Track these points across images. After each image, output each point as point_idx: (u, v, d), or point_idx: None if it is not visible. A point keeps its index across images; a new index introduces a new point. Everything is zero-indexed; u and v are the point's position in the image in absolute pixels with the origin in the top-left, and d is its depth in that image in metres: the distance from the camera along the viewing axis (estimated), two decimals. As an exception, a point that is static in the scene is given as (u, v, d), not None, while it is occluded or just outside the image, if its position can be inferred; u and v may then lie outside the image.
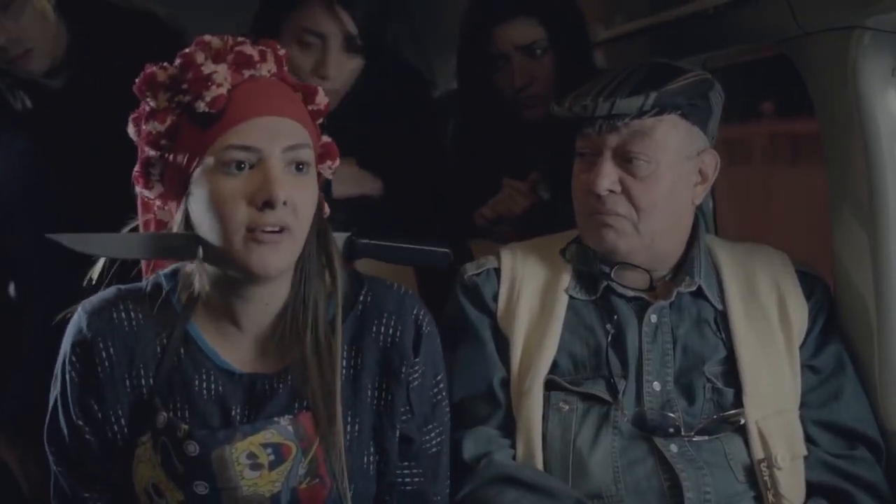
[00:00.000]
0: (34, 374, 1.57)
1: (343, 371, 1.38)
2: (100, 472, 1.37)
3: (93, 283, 1.39)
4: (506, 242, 1.75)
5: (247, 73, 1.30)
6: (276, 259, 1.28)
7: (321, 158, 1.38)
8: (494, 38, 1.95)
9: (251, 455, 1.32)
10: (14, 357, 1.99)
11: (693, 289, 1.61)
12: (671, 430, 1.54)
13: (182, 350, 1.36)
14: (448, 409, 1.49)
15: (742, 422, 1.54)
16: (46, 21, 1.82)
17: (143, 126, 1.31)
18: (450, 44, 2.04)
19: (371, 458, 1.40)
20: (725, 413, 1.55)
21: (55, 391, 1.38)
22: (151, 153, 1.32)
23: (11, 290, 2.06)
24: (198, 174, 1.28)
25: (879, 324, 1.61)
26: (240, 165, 1.27)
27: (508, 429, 1.57)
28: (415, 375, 1.42)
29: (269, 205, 1.25)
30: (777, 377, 1.57)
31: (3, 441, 2.04)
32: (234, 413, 1.35)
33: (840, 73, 1.56)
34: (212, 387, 1.35)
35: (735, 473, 1.52)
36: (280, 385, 1.36)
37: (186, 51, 1.31)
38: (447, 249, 1.54)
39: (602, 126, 1.55)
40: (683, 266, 1.63)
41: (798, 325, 1.60)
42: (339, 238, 1.46)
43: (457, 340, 1.60)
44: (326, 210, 1.40)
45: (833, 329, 1.63)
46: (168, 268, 1.42)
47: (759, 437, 1.53)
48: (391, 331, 1.41)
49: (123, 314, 1.36)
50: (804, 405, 1.58)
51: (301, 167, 1.30)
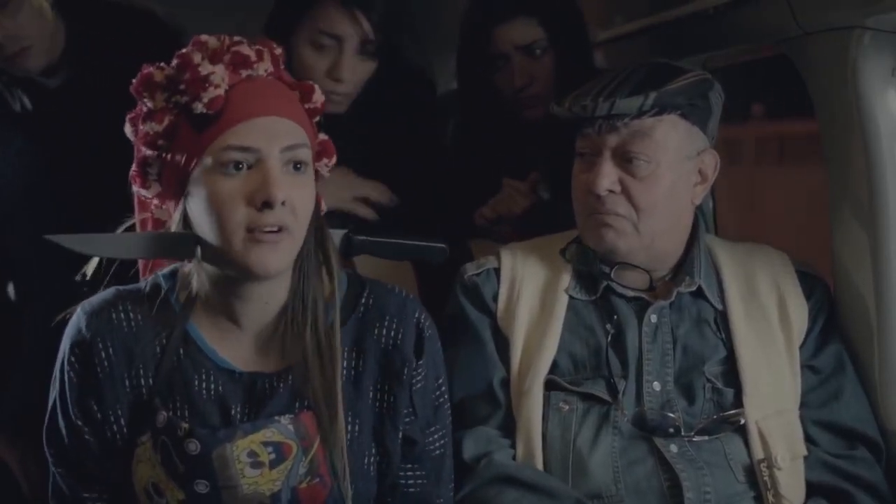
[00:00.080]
0: (34, 374, 1.57)
1: (344, 372, 1.38)
2: (99, 473, 1.37)
3: (86, 279, 1.39)
4: (506, 242, 1.75)
5: (244, 73, 1.30)
6: (276, 258, 1.28)
7: (318, 156, 1.38)
8: (494, 38, 1.94)
9: (252, 453, 1.32)
10: (14, 357, 1.99)
11: (693, 289, 1.61)
12: (671, 430, 1.54)
13: (181, 350, 1.36)
14: (450, 412, 1.49)
15: (742, 422, 1.54)
16: (44, 18, 1.82)
17: (141, 126, 1.31)
18: (450, 44, 2.04)
19: (372, 459, 1.41)
20: (725, 413, 1.55)
21: (54, 392, 1.38)
22: (149, 153, 1.31)
23: (11, 291, 2.06)
24: (196, 174, 1.28)
25: (879, 324, 1.61)
26: (238, 166, 1.26)
27: (508, 429, 1.57)
28: (418, 378, 1.42)
29: (269, 205, 1.25)
30: (777, 377, 1.57)
31: (3, 441, 2.03)
32: (235, 412, 1.35)
33: (840, 73, 1.56)
34: (211, 386, 1.35)
35: (735, 473, 1.52)
36: (281, 384, 1.36)
37: (183, 51, 1.30)
38: (443, 244, 1.54)
39: (602, 126, 1.55)
40: (683, 266, 1.63)
41: (798, 325, 1.60)
42: (336, 235, 1.46)
43: (457, 341, 1.60)
44: (323, 207, 1.40)
45: (833, 329, 1.63)
46: (166, 268, 1.42)
47: (759, 438, 1.53)
48: (393, 333, 1.41)
49: (122, 315, 1.36)
50: (804, 405, 1.58)
51: (299, 166, 1.30)
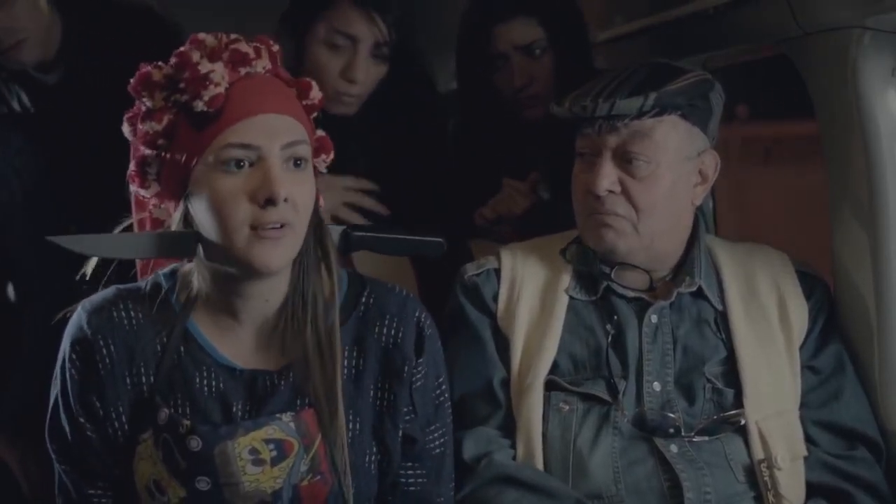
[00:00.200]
0: (34, 374, 1.58)
1: (345, 371, 1.38)
2: (102, 469, 1.37)
3: (86, 279, 1.39)
4: (506, 242, 1.75)
5: (243, 71, 1.30)
6: (278, 255, 1.29)
7: (316, 152, 1.38)
8: (494, 38, 1.94)
9: (253, 451, 1.32)
10: (14, 357, 1.99)
11: (693, 289, 1.61)
12: (671, 431, 1.54)
13: (182, 348, 1.36)
14: (450, 411, 1.49)
15: (742, 422, 1.54)
16: (39, 11, 1.82)
17: (140, 125, 1.31)
18: (450, 44, 2.04)
19: (372, 458, 1.41)
20: (725, 413, 1.55)
21: (56, 389, 1.38)
22: (148, 152, 1.31)
23: (11, 291, 2.06)
24: (197, 173, 1.28)
25: (879, 324, 1.61)
26: (239, 164, 1.27)
27: (508, 429, 1.57)
28: (418, 376, 1.42)
29: (271, 202, 1.25)
30: (777, 377, 1.57)
31: (3, 441, 2.03)
32: (236, 409, 1.35)
33: (840, 73, 1.56)
34: (212, 383, 1.36)
35: (735, 474, 1.52)
36: (282, 381, 1.36)
37: (182, 49, 1.30)
38: (440, 239, 1.54)
39: (602, 126, 1.55)
40: (683, 266, 1.63)
41: (798, 326, 1.60)
42: (335, 231, 1.46)
43: (457, 341, 1.60)
44: (322, 203, 1.40)
45: (833, 329, 1.63)
46: (167, 268, 1.42)
47: (760, 438, 1.53)
48: (393, 332, 1.41)
49: (123, 313, 1.36)
50: (804, 405, 1.58)
51: (299, 163, 1.30)
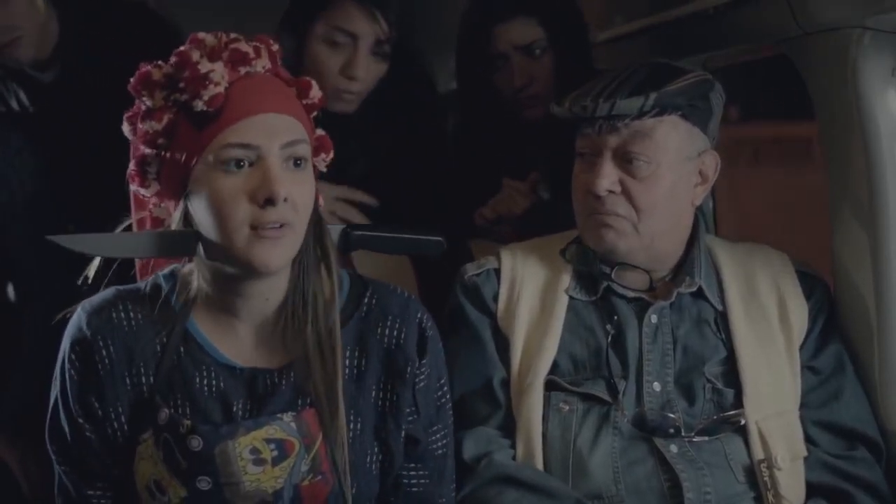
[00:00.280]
0: (34, 374, 1.57)
1: (347, 371, 1.38)
2: (101, 470, 1.37)
3: (88, 283, 1.39)
4: (506, 242, 1.75)
5: (242, 70, 1.30)
6: (279, 254, 1.29)
7: (315, 151, 1.38)
8: (494, 38, 1.95)
9: (254, 450, 1.32)
10: (14, 357, 1.99)
11: (693, 289, 1.61)
12: (671, 431, 1.54)
13: (182, 348, 1.36)
14: (451, 413, 1.49)
15: (742, 422, 1.54)
16: (35, 9, 1.81)
17: (139, 125, 1.31)
18: (450, 44, 2.04)
19: (374, 458, 1.41)
20: (725, 413, 1.55)
21: (55, 390, 1.38)
22: (148, 152, 1.31)
23: (11, 291, 2.06)
24: (197, 172, 1.28)
25: (879, 324, 1.61)
26: (239, 163, 1.27)
27: (508, 429, 1.57)
28: (420, 377, 1.42)
29: (271, 202, 1.25)
30: (777, 378, 1.57)
31: (3, 441, 2.03)
32: (236, 408, 1.35)
33: (840, 73, 1.56)
34: (213, 383, 1.36)
35: (735, 474, 1.52)
36: (282, 381, 1.36)
37: (181, 49, 1.30)
38: (440, 238, 1.54)
39: (602, 126, 1.55)
40: (684, 266, 1.63)
41: (798, 326, 1.60)
42: (335, 230, 1.46)
43: (457, 341, 1.60)
44: (321, 202, 1.40)
45: (833, 329, 1.63)
46: (166, 269, 1.42)
47: (759, 438, 1.53)
48: (396, 333, 1.41)
49: (123, 314, 1.36)
50: (804, 405, 1.58)
51: (299, 162, 1.30)
